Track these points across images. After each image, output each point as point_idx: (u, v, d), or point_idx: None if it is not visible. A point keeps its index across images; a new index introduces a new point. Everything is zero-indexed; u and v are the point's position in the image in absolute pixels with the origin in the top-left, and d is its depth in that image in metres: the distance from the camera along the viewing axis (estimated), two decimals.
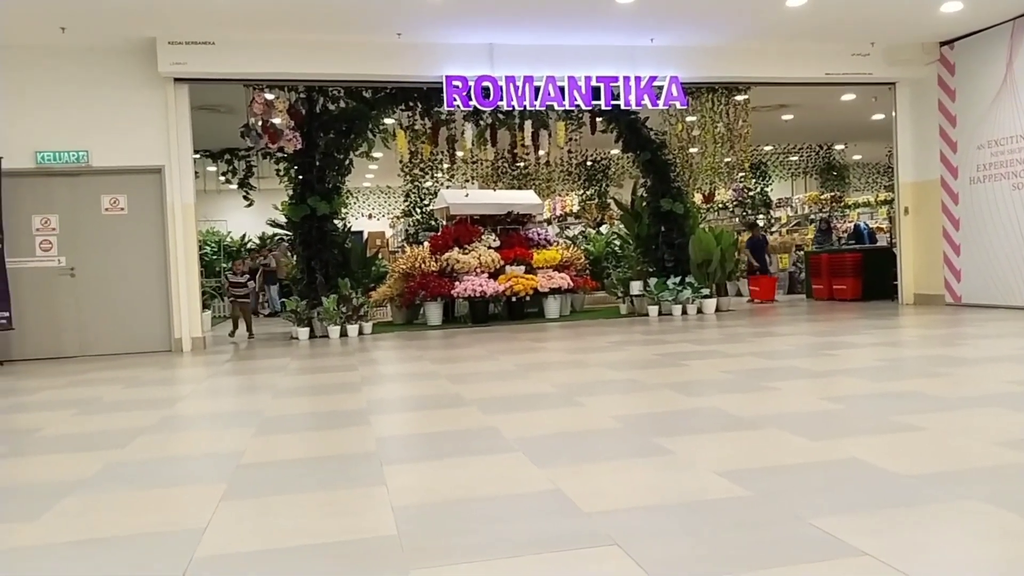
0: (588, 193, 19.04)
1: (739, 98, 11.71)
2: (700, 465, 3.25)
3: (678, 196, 11.90)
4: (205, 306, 11.36)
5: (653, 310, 11.24)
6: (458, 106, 10.04)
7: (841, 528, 2.44)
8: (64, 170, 9.22)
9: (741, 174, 16.88)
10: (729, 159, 12.44)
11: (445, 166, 13.46)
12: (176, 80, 9.29)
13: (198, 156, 11.47)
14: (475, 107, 10.13)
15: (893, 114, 11.65)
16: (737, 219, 19.42)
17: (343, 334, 10.26)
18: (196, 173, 9.91)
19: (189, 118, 9.50)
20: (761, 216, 19.94)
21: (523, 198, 13.35)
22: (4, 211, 8.75)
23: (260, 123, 9.98)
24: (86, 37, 8.84)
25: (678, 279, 11.29)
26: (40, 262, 9.28)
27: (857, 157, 21.27)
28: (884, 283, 12.28)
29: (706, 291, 11.41)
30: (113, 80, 9.27)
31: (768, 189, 21.01)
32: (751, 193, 20.44)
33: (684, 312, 11.20)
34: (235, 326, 11.30)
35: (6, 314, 8.71)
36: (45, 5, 7.89)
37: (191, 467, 3.76)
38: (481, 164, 12.48)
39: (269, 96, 9.97)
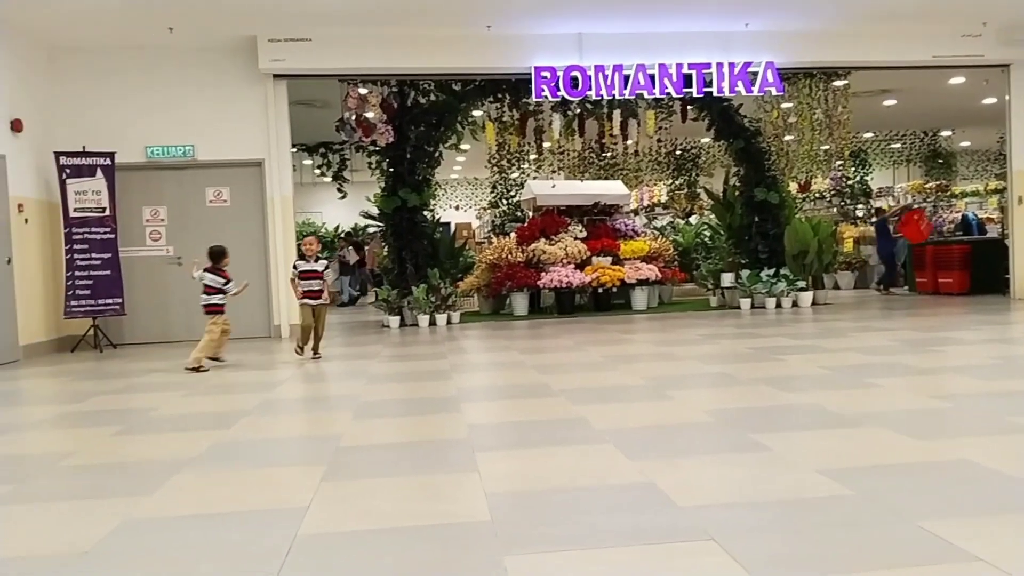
0: (677, 183, 18.69)
1: (838, 83, 11.25)
2: (799, 462, 3.16)
3: (773, 185, 11.55)
4: None
5: (745, 303, 10.97)
6: (546, 97, 10.04)
7: (951, 531, 2.33)
8: (172, 164, 9.71)
9: (839, 162, 16.23)
10: (827, 147, 11.98)
11: (532, 157, 13.48)
12: (275, 76, 9.63)
13: (295, 150, 11.89)
14: (563, 97, 10.11)
15: (1007, 98, 10.96)
16: (835, 209, 18.70)
17: (432, 323, 10.44)
18: (293, 166, 10.27)
19: (287, 113, 9.84)
20: (860, 205, 19.13)
21: (610, 188, 13.23)
22: (117, 203, 9.28)
23: (354, 117, 10.24)
24: (192, 37, 9.26)
25: (772, 271, 10.98)
26: (150, 251, 9.82)
27: (965, 144, 20.11)
28: (994, 277, 11.60)
29: (802, 283, 11.05)
30: (217, 78, 9.70)
31: (868, 178, 20.14)
32: (850, 182, 19.63)
33: (778, 305, 10.88)
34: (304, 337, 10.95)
35: (119, 300, 9.26)
36: (155, 7, 8.30)
37: (292, 448, 3.91)
38: (568, 154, 12.45)
39: (363, 91, 10.21)
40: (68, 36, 9.11)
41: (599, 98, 10.28)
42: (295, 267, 7.20)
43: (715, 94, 10.28)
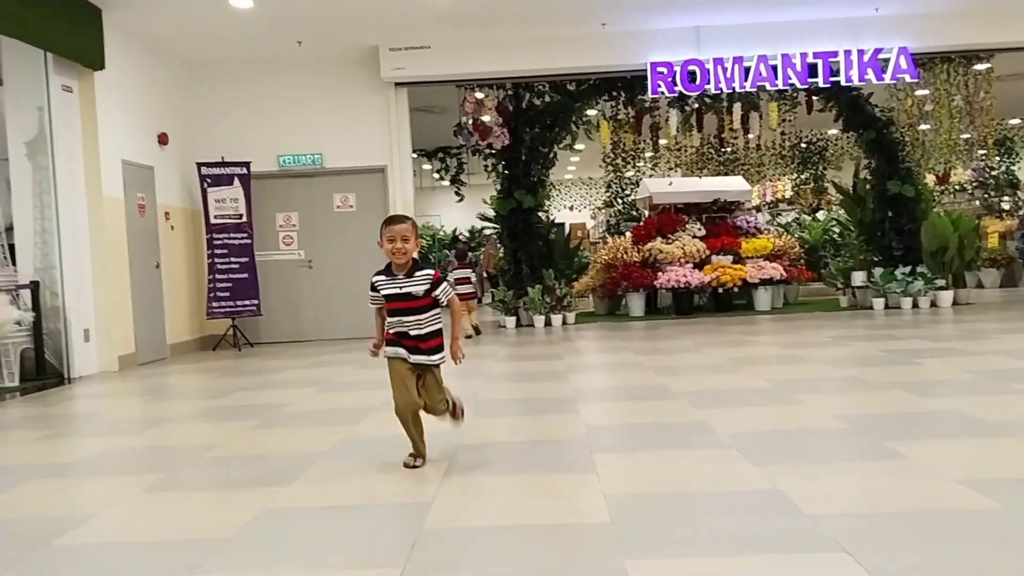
0: (803, 177, 17.94)
1: (980, 67, 10.46)
2: (939, 472, 2.97)
3: (908, 177, 10.89)
4: None
5: (878, 303, 10.39)
6: (663, 92, 9.89)
7: None
8: (302, 172, 10.22)
9: (982, 152, 15.10)
10: (968, 135, 11.17)
11: (648, 155, 13.28)
12: (396, 84, 9.96)
13: (415, 155, 12.24)
14: (681, 92, 9.92)
15: None
16: (977, 202, 17.40)
17: (547, 323, 10.49)
18: (413, 171, 10.58)
19: (408, 120, 10.15)
20: (1006, 198, 17.72)
21: (731, 184, 12.86)
22: (253, 210, 9.86)
23: (471, 121, 10.44)
24: (318, 49, 9.71)
25: (908, 269, 10.35)
26: (282, 255, 10.37)
27: None
28: None
29: (941, 282, 10.35)
30: (341, 88, 10.13)
31: (1015, 168, 18.62)
32: (994, 172, 18.22)
33: (915, 305, 10.24)
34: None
35: (256, 302, 9.83)
36: (286, 23, 8.76)
37: None
38: (686, 151, 12.19)
39: (479, 95, 10.39)
40: (207, 53, 9.76)
41: (718, 92, 10.03)
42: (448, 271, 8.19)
43: (843, 83, 9.81)
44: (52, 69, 7.36)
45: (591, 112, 11.52)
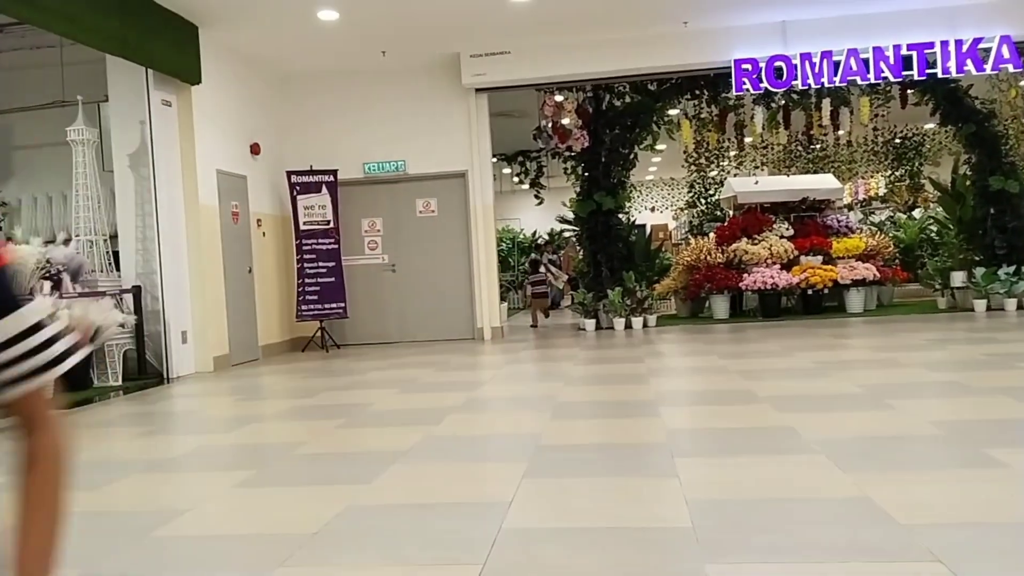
0: (897, 174, 17.19)
1: None
2: None
3: (1011, 172, 10.28)
4: (502, 298, 12.19)
5: (980, 304, 9.85)
6: (748, 90, 9.65)
7: None
8: (386, 178, 10.46)
9: None
10: None
11: (732, 153, 13.01)
12: (477, 90, 10.07)
13: (495, 160, 12.34)
14: (766, 89, 9.67)
15: None
16: None
17: (628, 326, 10.39)
18: (494, 175, 10.67)
19: (488, 125, 10.25)
20: None
21: (820, 183, 12.44)
22: (340, 216, 10.15)
23: (550, 124, 10.45)
24: (402, 58, 9.93)
25: (1012, 268, 9.77)
26: (367, 260, 10.63)
27: None
28: None
29: None
30: (424, 95, 10.32)
31: None
32: None
33: (1020, 307, 9.66)
34: (534, 318, 11.98)
35: (342, 305, 10.11)
36: (371, 34, 8.99)
37: (495, 445, 4.06)
38: (772, 149, 11.90)
39: (559, 98, 10.40)
40: (296, 66, 10.11)
41: (806, 87, 9.72)
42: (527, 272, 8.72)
43: (940, 75, 9.35)
44: (153, 85, 7.77)
45: (673, 112, 11.36)
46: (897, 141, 15.95)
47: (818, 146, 12.64)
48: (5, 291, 0.90)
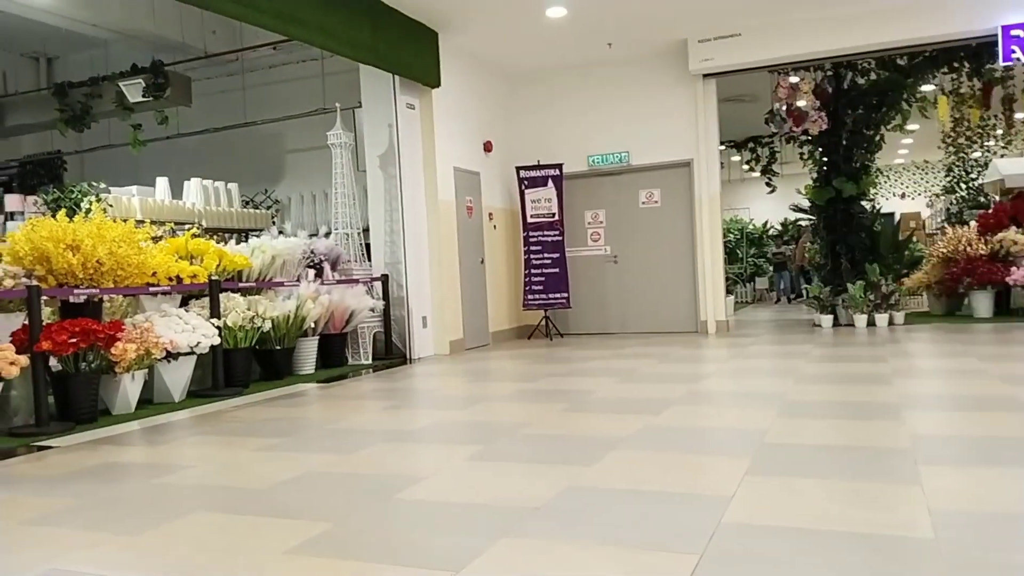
0: None
1: None
2: None
3: None
4: (728, 291, 11.81)
5: None
6: (1017, 59, 8.50)
7: None
8: (609, 170, 10.55)
9: None
10: None
11: (999, 132, 11.53)
12: (704, 76, 9.82)
13: (723, 147, 11.96)
14: None
15: None
16: None
17: (870, 323, 9.61)
18: (721, 163, 10.35)
19: (716, 111, 9.96)
20: None
21: None
22: (564, 208, 10.40)
23: (784, 107, 9.93)
24: (627, 48, 9.93)
25: None
26: (590, 251, 10.79)
27: None
28: None
29: None
30: (648, 85, 10.25)
31: None
32: None
33: None
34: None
35: (566, 295, 10.36)
36: (597, 26, 9.10)
37: (717, 439, 3.98)
38: None
39: (793, 79, 9.84)
40: (525, 64, 10.49)
41: None
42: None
43: None
44: (399, 90, 8.46)
45: (927, 87, 10.30)
46: None
47: None
48: None
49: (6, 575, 2.46)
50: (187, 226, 7.81)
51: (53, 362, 5.12)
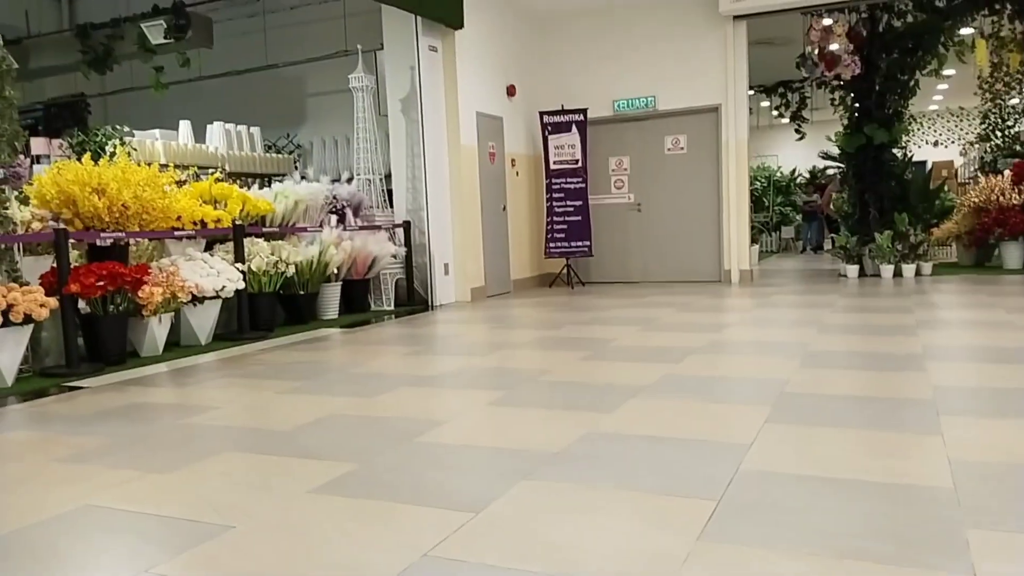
0: None
1: None
2: None
3: None
4: (753, 240, 11.68)
5: None
6: None
7: None
8: (634, 115, 10.36)
9: None
10: None
11: None
12: (735, 18, 9.54)
13: (752, 92, 11.68)
14: None
15: None
16: None
17: (897, 274, 9.49)
18: (750, 109, 10.13)
19: (746, 55, 9.70)
20: None
21: None
22: (588, 155, 10.27)
23: (816, 51, 9.64)
24: None
25: None
26: (614, 199, 10.69)
27: None
28: None
29: None
30: (676, 27, 9.99)
31: None
32: None
33: None
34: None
35: (588, 243, 10.31)
36: None
37: (737, 387, 3.99)
38: None
39: (827, 21, 9.53)
40: (550, 6, 10.25)
41: None
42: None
43: None
44: (421, 32, 8.32)
45: (965, 31, 9.94)
46: None
47: None
48: None
49: (42, 512, 2.55)
50: (210, 170, 7.83)
51: (82, 304, 5.21)
